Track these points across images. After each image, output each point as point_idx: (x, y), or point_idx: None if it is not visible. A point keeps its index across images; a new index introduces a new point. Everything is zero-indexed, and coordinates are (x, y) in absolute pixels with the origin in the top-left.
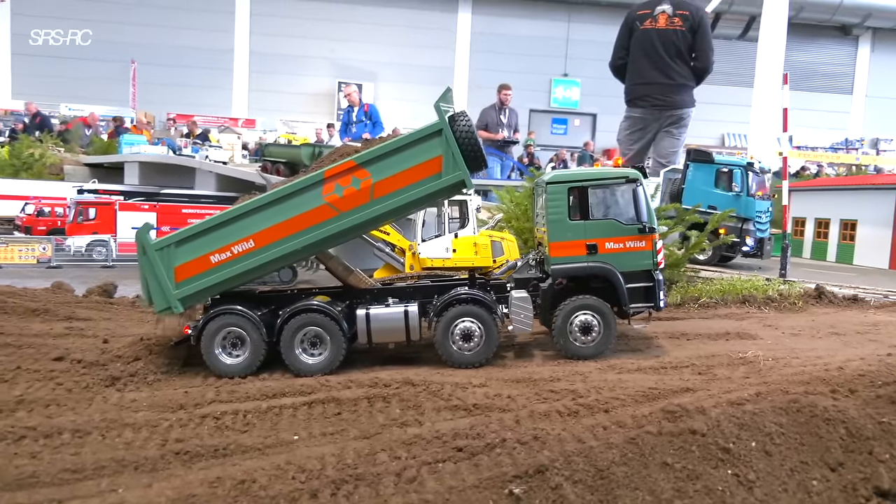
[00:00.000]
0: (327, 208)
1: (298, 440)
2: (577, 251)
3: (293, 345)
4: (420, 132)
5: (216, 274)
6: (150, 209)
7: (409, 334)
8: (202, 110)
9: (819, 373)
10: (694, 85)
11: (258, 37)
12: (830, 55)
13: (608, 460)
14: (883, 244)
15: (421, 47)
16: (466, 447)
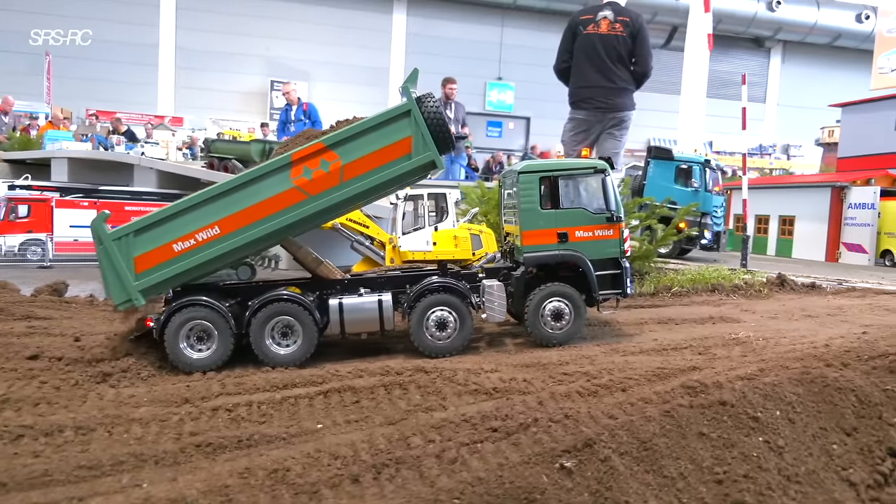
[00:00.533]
0: (296, 192)
1: (323, 428)
2: (549, 239)
3: (263, 335)
4: (388, 113)
5: (179, 263)
6: (90, 206)
7: (383, 324)
8: (125, 107)
9: (809, 350)
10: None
11: (185, 32)
12: (745, 65)
13: (649, 433)
14: (819, 238)
15: (356, 47)
16: (500, 428)
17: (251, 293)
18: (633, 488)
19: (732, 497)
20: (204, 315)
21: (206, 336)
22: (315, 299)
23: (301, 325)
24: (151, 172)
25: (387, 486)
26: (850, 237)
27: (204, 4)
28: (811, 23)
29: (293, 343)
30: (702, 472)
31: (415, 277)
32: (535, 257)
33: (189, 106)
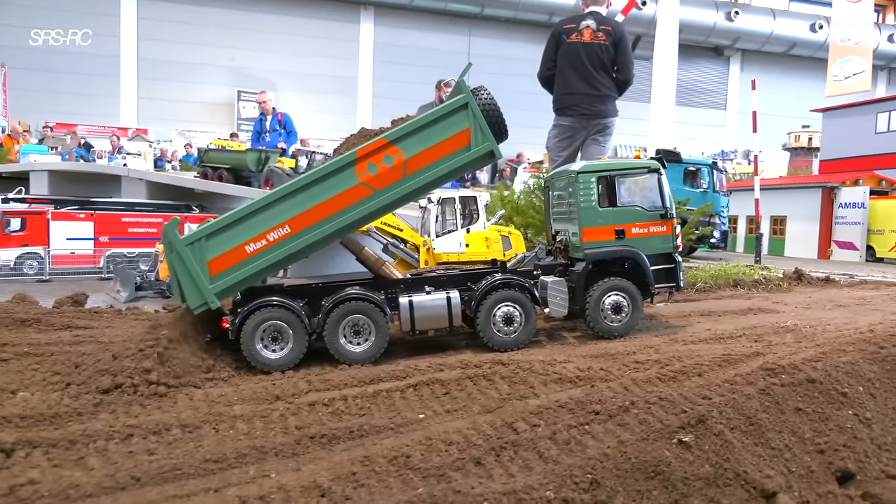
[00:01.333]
0: (362, 188)
1: (425, 418)
2: (607, 236)
3: (337, 334)
4: (446, 107)
5: (253, 264)
6: (86, 218)
7: (451, 320)
8: (86, 119)
9: (856, 335)
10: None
11: (148, 42)
12: (707, 74)
13: (752, 409)
14: (811, 237)
15: (323, 57)
16: (601, 411)
17: (318, 293)
18: (748, 459)
19: (836, 465)
20: (279, 315)
21: (281, 336)
22: (384, 298)
23: (374, 324)
24: (140, 183)
25: (510, 466)
26: (842, 235)
27: (166, 14)
28: (768, 32)
29: (365, 341)
30: (804, 444)
31: (474, 275)
32: (595, 253)
33: (153, 117)
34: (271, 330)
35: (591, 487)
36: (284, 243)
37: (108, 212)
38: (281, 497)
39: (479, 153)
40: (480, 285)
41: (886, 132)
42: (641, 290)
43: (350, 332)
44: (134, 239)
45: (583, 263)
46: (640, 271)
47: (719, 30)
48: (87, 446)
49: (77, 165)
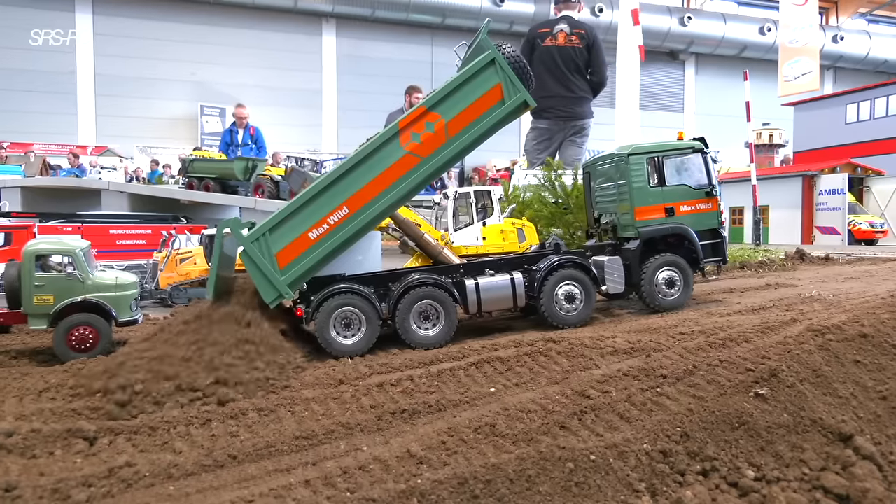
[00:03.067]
0: (409, 157)
1: (496, 392)
2: (658, 214)
3: (409, 319)
4: (475, 66)
5: (318, 249)
6: (73, 231)
7: (516, 301)
8: (42, 138)
9: (879, 300)
10: (591, 97)
11: (105, 59)
12: (663, 77)
13: (817, 363)
14: (794, 224)
15: (286, 70)
16: (668, 375)
17: (383, 281)
18: (821, 408)
19: None
20: (353, 302)
21: (353, 322)
22: (451, 282)
23: (443, 308)
24: (122, 196)
25: (596, 427)
26: (823, 221)
27: (123, 30)
28: (720, 36)
29: (434, 325)
30: (867, 392)
31: (531, 258)
32: (649, 231)
33: (112, 134)
34: (345, 316)
35: (683, 439)
36: (346, 224)
37: (95, 224)
38: (380, 467)
39: (514, 105)
40: (542, 266)
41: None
42: (691, 265)
43: (421, 318)
44: (122, 251)
45: (636, 242)
46: (687, 247)
47: (674, 35)
48: (169, 432)
49: (55, 180)
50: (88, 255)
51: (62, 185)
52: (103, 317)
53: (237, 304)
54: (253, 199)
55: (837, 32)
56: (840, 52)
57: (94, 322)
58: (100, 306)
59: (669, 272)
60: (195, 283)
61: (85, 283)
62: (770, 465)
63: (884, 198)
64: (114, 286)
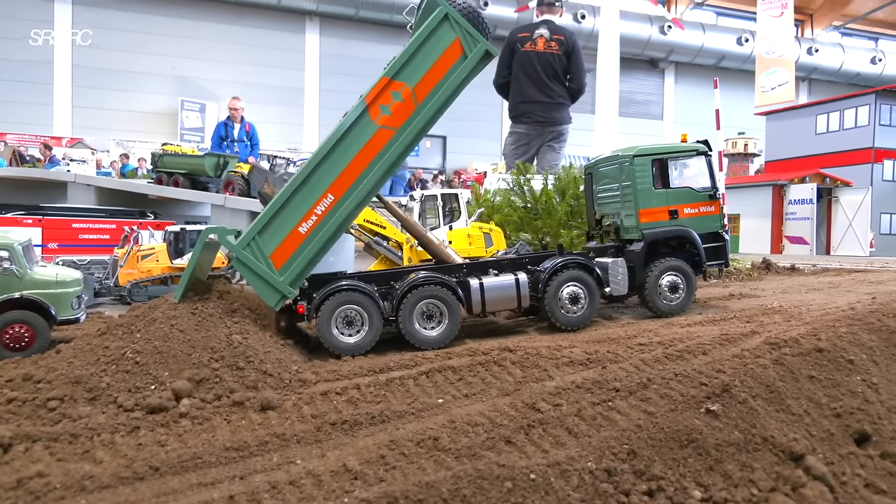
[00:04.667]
0: (383, 131)
1: (444, 402)
2: (661, 216)
3: (412, 318)
4: (429, 25)
5: (312, 243)
6: (33, 224)
7: (520, 301)
8: (17, 128)
9: (839, 313)
10: (570, 103)
11: (83, 50)
12: (643, 85)
13: (770, 378)
14: (763, 233)
15: (269, 67)
16: (621, 388)
17: (385, 279)
18: (773, 425)
19: (853, 427)
20: (356, 299)
21: (354, 320)
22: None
23: (447, 307)
24: (89, 190)
25: (542, 442)
26: (793, 231)
27: (102, 21)
28: (698, 45)
29: (438, 324)
30: (821, 409)
31: (534, 258)
32: (653, 233)
33: (88, 127)
34: (347, 314)
35: (629, 457)
36: (334, 211)
37: (57, 217)
38: (311, 482)
39: (477, 57)
40: (546, 266)
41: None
42: (693, 268)
43: (425, 317)
44: (85, 246)
45: (640, 244)
46: (688, 250)
47: (654, 43)
48: (92, 440)
49: (20, 171)
50: (29, 249)
51: (27, 177)
52: (41, 315)
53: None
54: (222, 196)
55: (812, 45)
56: (814, 63)
57: (30, 320)
58: (37, 304)
59: (673, 277)
60: (156, 281)
61: (22, 279)
62: (718, 486)
63: (852, 208)
64: (54, 283)
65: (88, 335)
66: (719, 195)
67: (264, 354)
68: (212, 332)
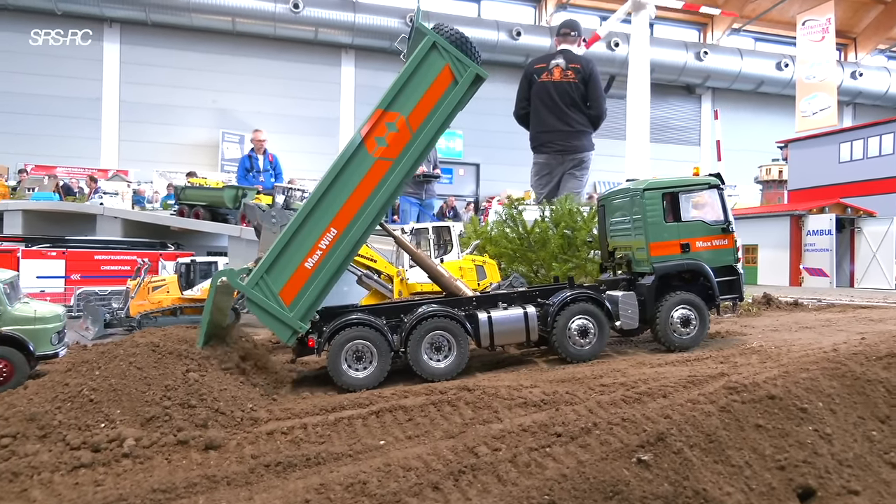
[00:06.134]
0: (381, 163)
1: (386, 444)
2: (673, 250)
3: (421, 350)
4: (418, 54)
5: (319, 277)
6: (57, 256)
7: (528, 335)
8: (66, 161)
9: (820, 354)
10: (591, 130)
11: (129, 86)
12: (679, 111)
13: (712, 426)
14: (782, 264)
15: (305, 99)
16: (564, 433)
17: (395, 312)
18: (708, 477)
19: (796, 481)
20: (365, 334)
21: (363, 354)
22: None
23: (455, 340)
24: (116, 222)
25: (469, 490)
26: (811, 262)
27: (147, 59)
28: (736, 71)
29: (445, 357)
30: (765, 460)
31: (544, 291)
32: (664, 267)
33: (133, 159)
34: (357, 349)
35: None
36: (337, 244)
37: (80, 249)
38: None
39: (468, 82)
40: (556, 299)
41: (850, 161)
42: (706, 303)
43: (431, 349)
44: (107, 277)
45: (651, 277)
46: (702, 284)
47: (690, 69)
48: (32, 478)
49: (51, 204)
50: (13, 286)
51: (59, 210)
52: (20, 350)
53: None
54: (238, 228)
55: (856, 68)
56: (859, 87)
57: (8, 355)
58: (16, 339)
59: (685, 311)
60: (166, 312)
61: (2, 316)
62: None
63: (876, 239)
64: (33, 319)
65: (56, 371)
66: (732, 228)
67: (219, 392)
68: (169, 370)
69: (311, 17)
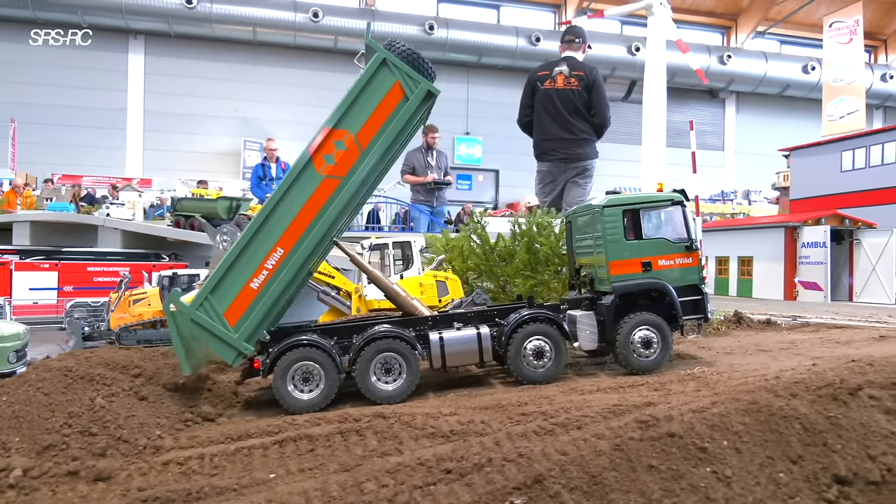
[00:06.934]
0: (329, 181)
1: (276, 478)
2: (634, 269)
3: (369, 372)
4: (367, 71)
5: (264, 298)
6: (50, 268)
7: (482, 356)
8: (92, 170)
9: (760, 382)
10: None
11: (154, 96)
12: (702, 115)
13: (599, 466)
14: (776, 277)
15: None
16: (455, 469)
17: (348, 332)
18: None
19: None
20: (310, 355)
21: (311, 376)
22: (414, 335)
23: (405, 361)
24: (116, 233)
25: None
26: (806, 275)
27: (171, 69)
28: (761, 74)
29: (395, 380)
30: None
31: (503, 311)
32: (624, 286)
33: (157, 168)
34: (304, 370)
35: None
36: (284, 264)
37: (73, 261)
38: None
39: (419, 98)
40: (510, 319)
41: (851, 170)
42: (669, 324)
43: (381, 370)
44: (100, 288)
45: (611, 297)
46: (667, 304)
47: (712, 73)
48: None
49: (55, 215)
50: None
51: (63, 221)
52: None
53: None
54: None
55: (887, 71)
56: (890, 90)
57: None
58: None
59: (646, 332)
60: (147, 325)
61: None
62: None
63: (875, 252)
64: None
65: None
66: (696, 246)
67: (126, 419)
68: (77, 395)
69: (331, 25)
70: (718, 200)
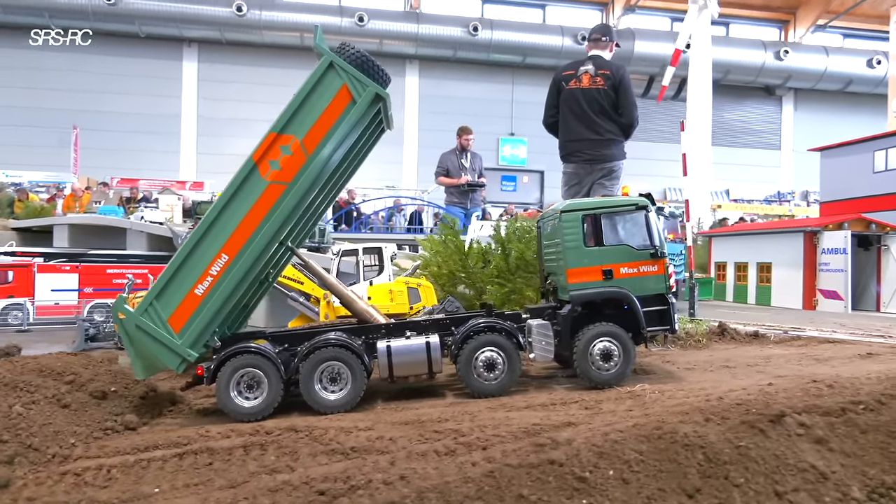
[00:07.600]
0: (274, 186)
1: (159, 493)
2: (594, 277)
3: (312, 381)
4: (314, 75)
5: (209, 304)
6: (71, 270)
7: (431, 367)
8: (148, 174)
9: (699, 403)
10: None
11: (206, 101)
12: (758, 114)
13: (462, 495)
14: (795, 285)
15: None
16: (328, 490)
17: (299, 339)
18: None
19: None
20: (253, 362)
21: (257, 383)
22: (362, 343)
23: (350, 371)
24: (142, 236)
25: None
26: (826, 283)
27: (223, 76)
28: (821, 70)
29: (341, 389)
30: None
31: (460, 320)
32: (581, 295)
33: (210, 171)
34: (247, 377)
35: None
36: (228, 271)
37: (94, 264)
38: None
39: (367, 101)
40: (461, 329)
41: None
42: (633, 335)
43: (327, 380)
44: (119, 290)
45: (569, 306)
46: (631, 314)
47: (768, 69)
48: None
49: (89, 219)
50: None
51: (96, 224)
52: None
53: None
54: None
55: None
56: None
57: None
58: None
59: (606, 343)
60: None
61: None
62: None
63: None
64: None
65: None
66: (662, 253)
67: (40, 427)
68: None
69: (376, 29)
70: (774, 201)
